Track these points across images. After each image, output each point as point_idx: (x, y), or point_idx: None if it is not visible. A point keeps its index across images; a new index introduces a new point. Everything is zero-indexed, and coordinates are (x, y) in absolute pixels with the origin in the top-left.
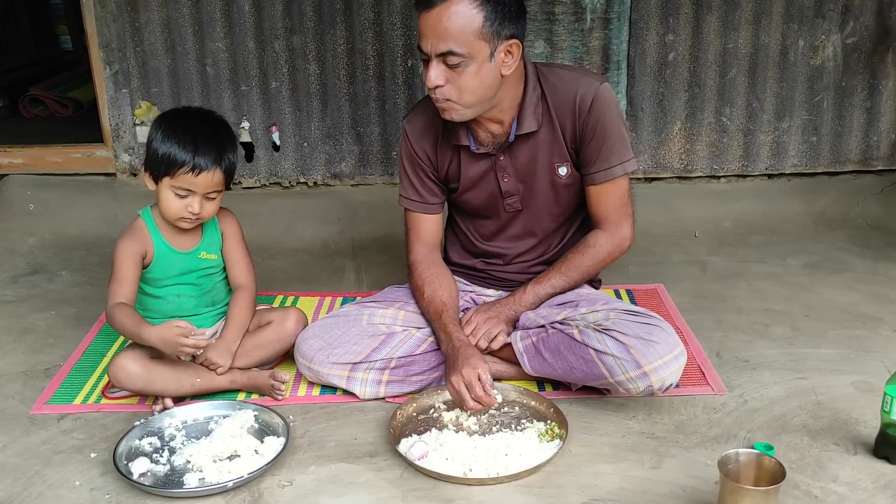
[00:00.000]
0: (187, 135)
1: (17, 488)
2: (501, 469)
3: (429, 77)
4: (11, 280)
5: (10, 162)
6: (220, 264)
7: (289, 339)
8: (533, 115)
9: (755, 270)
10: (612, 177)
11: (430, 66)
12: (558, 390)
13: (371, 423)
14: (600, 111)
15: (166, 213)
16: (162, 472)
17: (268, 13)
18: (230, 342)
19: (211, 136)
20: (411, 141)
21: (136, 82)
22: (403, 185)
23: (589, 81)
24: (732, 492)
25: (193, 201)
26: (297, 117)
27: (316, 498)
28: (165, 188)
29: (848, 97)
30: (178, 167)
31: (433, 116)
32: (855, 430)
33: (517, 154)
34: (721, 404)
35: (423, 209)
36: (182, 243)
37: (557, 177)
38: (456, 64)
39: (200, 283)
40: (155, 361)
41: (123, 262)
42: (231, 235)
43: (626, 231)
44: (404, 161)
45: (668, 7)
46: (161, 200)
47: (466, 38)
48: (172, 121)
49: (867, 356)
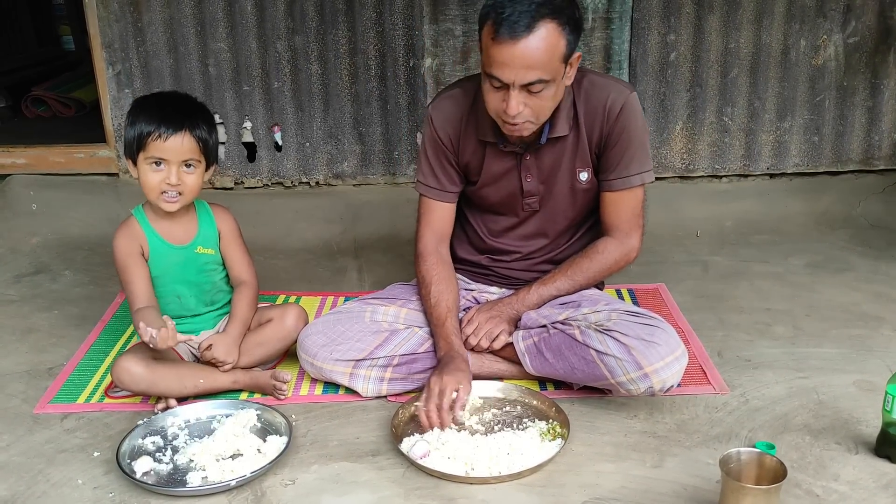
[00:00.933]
0: (153, 107)
1: (21, 487)
2: (503, 468)
3: (510, 107)
4: (15, 280)
5: (13, 162)
6: (217, 260)
7: (289, 337)
8: (566, 119)
9: (757, 270)
10: (629, 185)
11: (511, 96)
12: (560, 390)
13: (373, 423)
14: (627, 119)
15: (148, 193)
16: (165, 470)
17: (270, 13)
18: (235, 336)
19: (177, 106)
20: (436, 126)
21: (138, 82)
22: (423, 171)
23: (620, 89)
24: (734, 491)
25: (170, 172)
26: (299, 117)
27: (318, 497)
28: (141, 165)
29: (850, 97)
30: (147, 137)
31: (461, 104)
32: (856, 429)
33: (543, 155)
34: (723, 403)
35: (440, 196)
36: (176, 236)
37: (578, 181)
38: (539, 90)
39: (200, 282)
40: (158, 362)
41: (127, 264)
42: (228, 232)
43: (635, 242)
44: (427, 146)
45: (669, 7)
46: (141, 181)
47: (552, 65)
48: (140, 102)
49: (869, 355)
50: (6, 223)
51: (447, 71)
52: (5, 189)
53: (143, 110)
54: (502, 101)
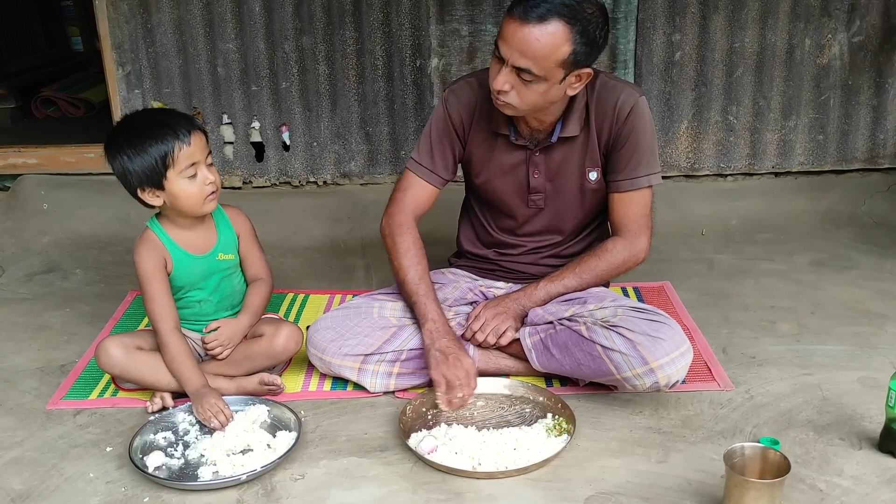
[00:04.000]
0: (147, 128)
1: (35, 481)
2: (510, 463)
3: (496, 80)
4: (27, 278)
5: (25, 162)
6: (237, 263)
7: (277, 356)
8: (578, 120)
9: (762, 268)
10: (636, 187)
11: (501, 71)
12: (566, 386)
13: (381, 418)
14: (635, 122)
15: (192, 207)
16: (176, 465)
17: (278, 14)
18: (244, 327)
19: (159, 114)
20: (450, 108)
21: (148, 83)
22: (419, 150)
23: (630, 92)
24: (738, 485)
25: (205, 173)
26: (306, 117)
27: (327, 491)
28: (175, 182)
29: (854, 95)
30: (172, 152)
31: (477, 93)
32: (860, 425)
33: (552, 154)
34: (727, 400)
35: (428, 177)
36: (197, 246)
37: (587, 181)
38: (528, 80)
39: (221, 288)
40: (141, 352)
41: (152, 279)
42: (246, 234)
43: (644, 243)
44: (433, 126)
45: (674, 6)
46: (179, 198)
47: (547, 64)
48: (122, 138)
49: (873, 352)
50: (18, 222)
51: (454, 71)
52: (17, 189)
53: (140, 139)
54: (497, 72)
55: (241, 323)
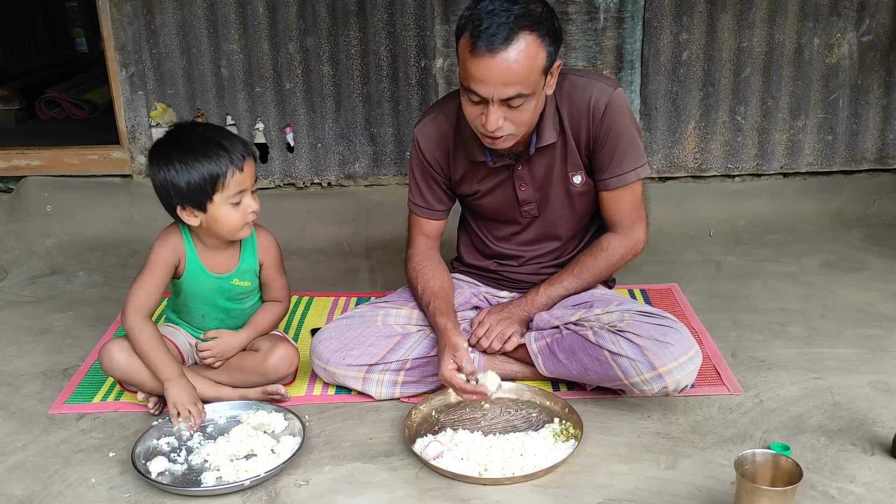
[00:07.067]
0: (201, 146)
1: (38, 487)
2: (517, 469)
3: (488, 123)
4: (30, 281)
5: (28, 164)
6: (252, 290)
7: (268, 375)
8: (552, 126)
9: (770, 270)
10: (625, 183)
11: (490, 111)
12: (573, 390)
13: (386, 423)
14: (613, 117)
15: (228, 230)
16: (180, 471)
17: (282, 15)
18: (242, 341)
19: (218, 133)
20: (423, 150)
21: (151, 84)
22: (412, 191)
23: (602, 87)
24: (749, 492)
25: (249, 201)
26: (310, 118)
27: (332, 497)
28: (219, 207)
29: (864, 95)
30: (224, 176)
31: (444, 128)
32: (872, 430)
33: (534, 164)
34: (737, 404)
35: (429, 214)
36: (216, 266)
37: (572, 185)
38: (519, 104)
39: (228, 308)
40: None
41: (155, 269)
42: (270, 262)
43: (640, 234)
44: (414, 168)
45: (682, 6)
46: (218, 222)
47: (533, 79)
48: (173, 151)
49: (884, 356)
50: (21, 224)
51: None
52: (20, 191)
53: (193, 153)
54: (481, 114)
55: (239, 338)
